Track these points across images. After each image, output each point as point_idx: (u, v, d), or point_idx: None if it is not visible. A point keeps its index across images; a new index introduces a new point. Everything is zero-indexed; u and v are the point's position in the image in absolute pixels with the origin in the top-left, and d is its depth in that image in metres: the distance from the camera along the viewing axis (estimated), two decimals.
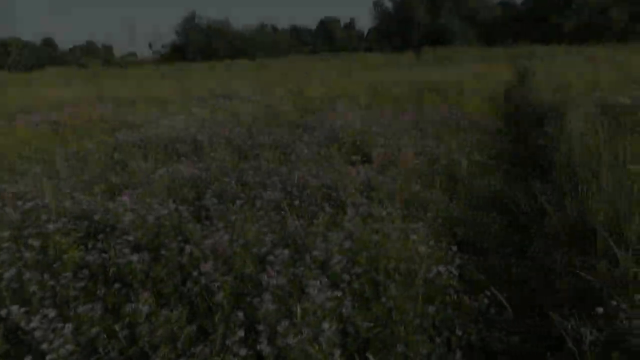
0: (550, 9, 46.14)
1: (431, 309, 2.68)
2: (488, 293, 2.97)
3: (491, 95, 12.63)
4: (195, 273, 2.89)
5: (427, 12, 50.28)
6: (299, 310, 2.48)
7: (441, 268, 2.93)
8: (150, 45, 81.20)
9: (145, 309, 2.57)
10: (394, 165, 4.98)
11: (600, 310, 2.45)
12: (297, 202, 3.93)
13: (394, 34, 52.15)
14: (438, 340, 2.56)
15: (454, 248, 3.41)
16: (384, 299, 2.67)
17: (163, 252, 3.19)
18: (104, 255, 3.22)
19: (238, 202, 3.84)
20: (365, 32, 78.15)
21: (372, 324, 2.56)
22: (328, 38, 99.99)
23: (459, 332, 2.63)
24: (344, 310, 2.56)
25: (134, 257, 3.02)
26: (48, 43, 64.39)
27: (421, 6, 50.08)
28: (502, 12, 51.26)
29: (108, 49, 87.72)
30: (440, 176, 5.02)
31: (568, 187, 4.24)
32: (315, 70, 25.74)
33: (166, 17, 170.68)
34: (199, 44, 59.38)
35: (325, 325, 2.34)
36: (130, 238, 3.31)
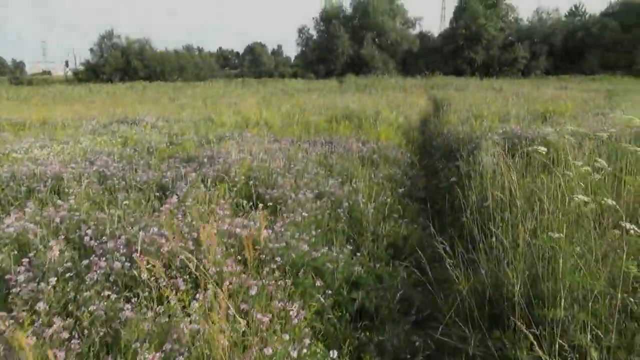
0: (463, 43, 49.19)
1: None
2: None
3: (407, 125, 12.50)
4: None
5: (350, 42, 51.54)
6: None
7: None
8: (66, 64, 76.32)
9: None
10: (291, 212, 4.22)
11: None
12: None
13: (319, 61, 52.81)
14: None
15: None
16: None
17: None
18: None
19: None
20: (293, 59, 79.15)
21: None
22: (255, 63, 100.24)
23: None
24: None
25: None
26: None
27: (345, 36, 51.28)
28: (421, 45, 53.93)
29: (19, 65, 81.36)
30: (343, 223, 4.33)
31: (481, 246, 3.71)
32: (236, 95, 24.88)
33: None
34: (116, 63, 56.16)
35: None
36: None
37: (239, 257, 3.12)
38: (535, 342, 2.18)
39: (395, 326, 3.08)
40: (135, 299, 2.67)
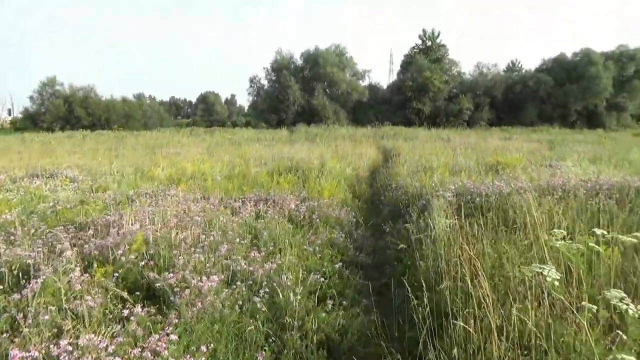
0: (411, 94, 50.78)
1: None
2: None
3: (355, 177, 11.80)
4: None
5: (301, 92, 51.99)
6: None
7: None
8: (9, 112, 73.27)
9: None
10: (188, 305, 3.16)
11: None
12: None
13: (270, 110, 52.74)
14: None
15: None
16: None
17: None
18: None
19: None
20: (246, 108, 79.35)
21: None
22: (207, 112, 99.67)
23: None
24: None
25: None
26: None
27: (296, 85, 51.73)
28: (370, 95, 55.22)
29: None
30: (260, 316, 3.31)
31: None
32: (181, 145, 23.71)
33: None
34: (57, 111, 53.54)
35: None
36: None
37: None
38: None
39: None
40: None
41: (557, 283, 2.40)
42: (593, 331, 2.48)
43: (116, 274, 3.62)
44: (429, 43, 56.96)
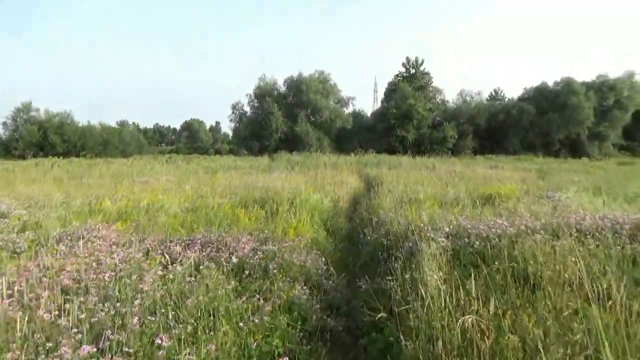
0: (395, 122, 50.29)
1: None
2: None
3: (334, 209, 10.59)
4: None
5: (284, 119, 51.14)
6: None
7: None
8: None
9: None
10: None
11: None
12: None
13: (253, 137, 51.65)
14: None
15: None
16: None
17: None
18: None
19: None
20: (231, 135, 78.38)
21: None
22: (192, 139, 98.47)
23: None
24: None
25: None
26: None
27: (278, 112, 50.89)
28: (354, 123, 54.67)
29: None
30: None
31: None
32: (153, 173, 22.29)
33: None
34: (31, 138, 51.65)
35: None
36: None
37: None
38: None
39: None
40: None
41: None
42: None
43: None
44: (412, 70, 57.05)
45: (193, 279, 3.94)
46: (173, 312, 3.29)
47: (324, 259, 5.63)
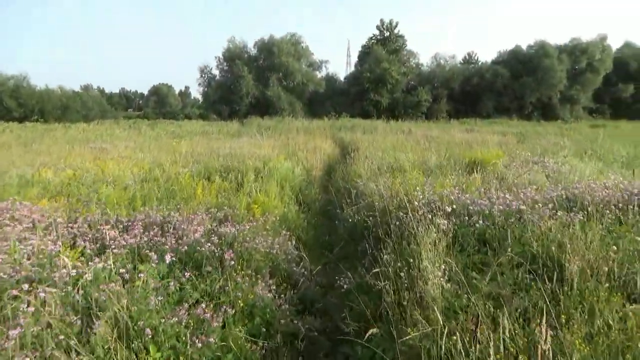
0: (368, 86, 49.02)
1: None
2: None
3: (307, 177, 9.68)
4: None
5: (255, 82, 49.12)
6: None
7: None
8: None
9: None
10: None
11: None
12: None
13: (222, 102, 49.58)
14: None
15: None
16: None
17: None
18: None
19: None
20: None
21: None
22: (160, 104, 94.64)
23: None
24: None
25: None
26: None
27: (249, 76, 48.79)
28: (327, 87, 53.13)
29: None
30: None
31: None
32: (113, 139, 20.71)
33: None
34: None
35: None
36: None
37: None
38: None
39: None
40: None
41: None
42: None
43: None
44: (387, 34, 55.34)
45: (120, 280, 2.98)
46: (76, 339, 2.34)
47: (294, 241, 4.73)
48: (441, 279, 2.74)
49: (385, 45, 53.57)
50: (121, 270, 3.18)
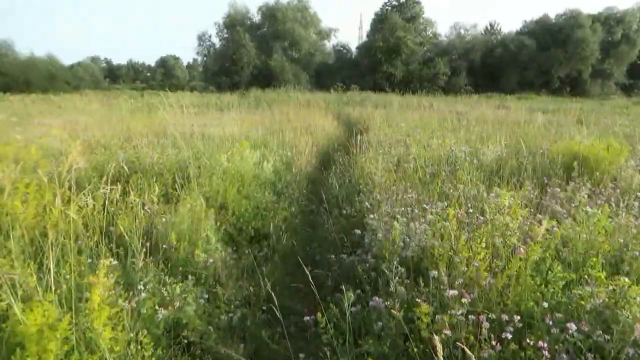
0: (381, 57, 44.73)
1: None
2: None
3: (291, 175, 6.14)
4: None
5: (257, 52, 45.06)
6: None
7: None
8: None
9: None
10: None
11: None
12: None
13: (222, 73, 45.66)
14: None
15: None
16: None
17: None
18: None
19: None
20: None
21: None
22: (167, 76, 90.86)
23: None
24: None
25: None
26: None
27: (251, 44, 44.73)
28: (337, 58, 48.94)
29: None
30: None
31: None
32: (87, 112, 17.19)
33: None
34: None
35: None
36: None
37: None
38: None
39: None
40: None
41: None
42: None
43: None
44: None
45: None
46: None
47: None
48: None
49: (401, 12, 48.85)
50: None
